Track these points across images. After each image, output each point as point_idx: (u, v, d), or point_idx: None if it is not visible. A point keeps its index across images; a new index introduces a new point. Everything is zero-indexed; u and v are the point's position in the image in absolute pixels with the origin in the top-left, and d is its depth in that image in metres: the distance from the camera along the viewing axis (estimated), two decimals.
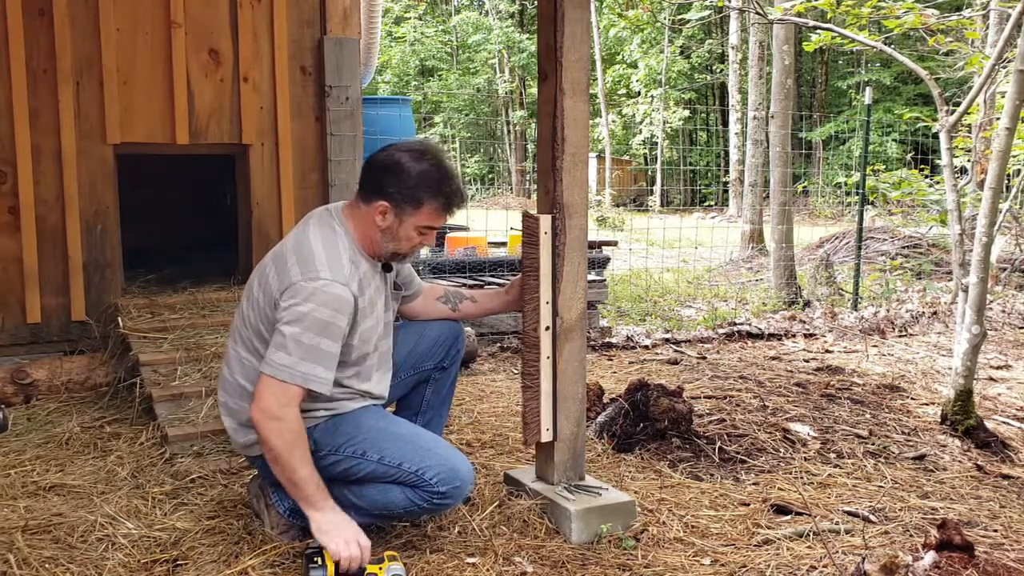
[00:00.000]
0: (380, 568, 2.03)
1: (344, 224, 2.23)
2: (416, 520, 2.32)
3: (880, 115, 20.76)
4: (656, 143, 25.12)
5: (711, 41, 26.28)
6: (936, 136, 4.33)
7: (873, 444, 3.27)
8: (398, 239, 2.22)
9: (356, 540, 2.04)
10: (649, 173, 25.42)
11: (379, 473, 2.15)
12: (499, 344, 4.91)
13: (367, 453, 2.16)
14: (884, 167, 11.65)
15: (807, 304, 7.16)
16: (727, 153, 21.33)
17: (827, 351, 5.18)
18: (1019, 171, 7.55)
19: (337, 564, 2.02)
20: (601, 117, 25.00)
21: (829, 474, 2.94)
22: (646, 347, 5.10)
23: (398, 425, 2.27)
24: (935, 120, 4.52)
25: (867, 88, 7.92)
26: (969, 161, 6.45)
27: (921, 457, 3.17)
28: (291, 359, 2.04)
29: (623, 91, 27.38)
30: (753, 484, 2.81)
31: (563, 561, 2.20)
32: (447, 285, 2.81)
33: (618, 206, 19.88)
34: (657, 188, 22.54)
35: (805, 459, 3.07)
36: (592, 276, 5.33)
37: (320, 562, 2.01)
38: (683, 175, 26.22)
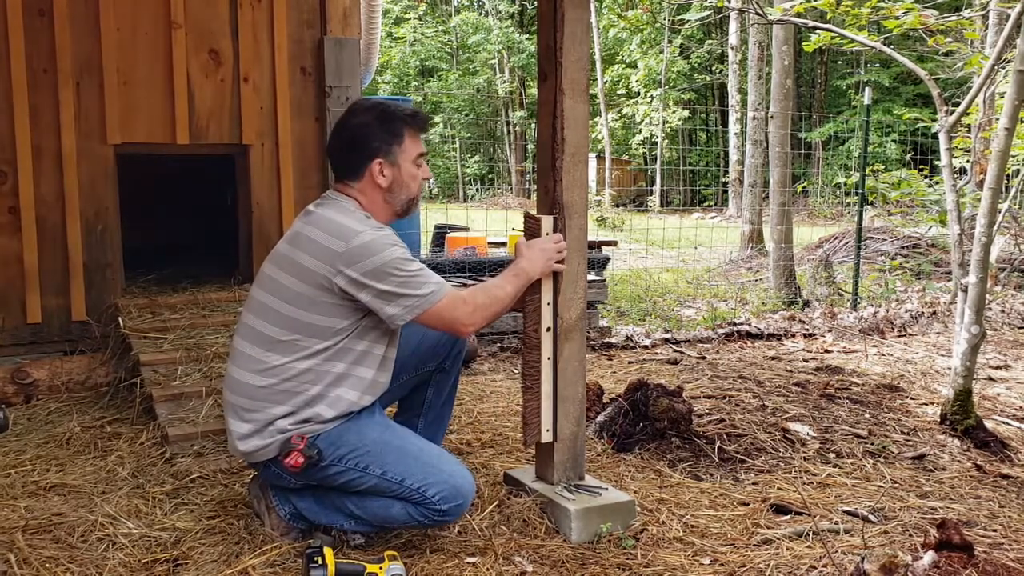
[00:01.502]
0: (380, 568, 2.03)
1: (348, 201, 2.26)
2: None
3: (879, 116, 20.77)
4: (656, 143, 25.13)
5: (711, 41, 26.28)
6: (935, 136, 4.34)
7: (872, 444, 3.27)
8: (404, 183, 2.28)
9: (548, 253, 2.36)
10: (649, 173, 25.43)
11: (381, 488, 2.15)
12: (499, 344, 4.91)
13: (370, 467, 2.15)
14: (883, 167, 11.65)
15: (806, 304, 7.17)
16: (727, 153, 21.34)
17: (826, 351, 5.19)
18: (1018, 171, 7.56)
19: (336, 564, 2.02)
20: (601, 117, 25.01)
21: (828, 474, 2.94)
22: (646, 347, 5.10)
23: (402, 438, 2.24)
24: (934, 120, 4.53)
25: (866, 88, 7.93)
26: (968, 161, 6.45)
27: (920, 457, 3.18)
28: (419, 290, 2.15)
29: (623, 91, 27.38)
30: (753, 484, 2.81)
31: (563, 560, 2.20)
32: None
33: (618, 206, 19.89)
34: (657, 188, 22.55)
35: (804, 459, 3.08)
36: (592, 276, 5.33)
37: (320, 562, 2.02)
38: (683, 175, 26.22)
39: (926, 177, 7.96)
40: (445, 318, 2.19)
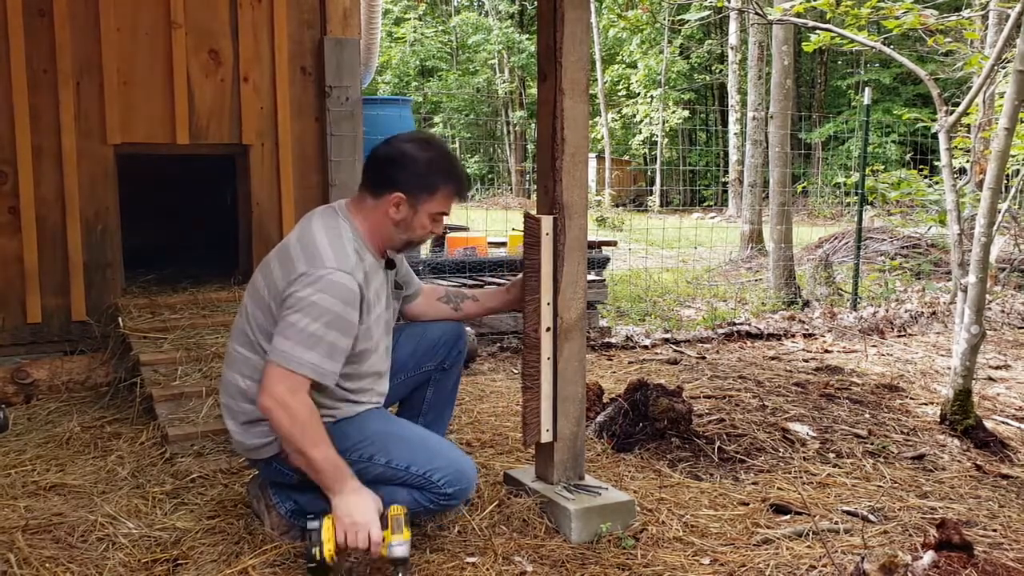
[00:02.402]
0: (383, 544, 2.02)
1: (349, 219, 2.23)
2: (416, 520, 2.32)
3: (879, 116, 20.76)
4: (656, 142, 25.13)
5: (710, 41, 26.28)
6: (935, 136, 4.34)
7: (872, 444, 3.27)
8: (412, 228, 2.23)
9: (367, 530, 2.02)
10: (649, 173, 25.43)
11: (387, 476, 2.16)
12: (499, 344, 4.91)
13: (375, 456, 2.16)
14: (883, 168, 11.65)
15: (806, 304, 7.17)
16: (726, 153, 21.34)
17: (826, 351, 5.19)
18: (1018, 171, 7.55)
19: (337, 545, 2.03)
20: (601, 117, 25.02)
21: (828, 474, 2.94)
22: (645, 347, 5.10)
23: (403, 428, 2.27)
24: (934, 120, 4.53)
25: (866, 88, 7.93)
26: (968, 161, 6.45)
27: (920, 457, 3.18)
28: (297, 348, 2.03)
29: (623, 91, 27.40)
30: (752, 484, 2.81)
31: (563, 560, 2.20)
32: (447, 285, 2.82)
33: (618, 206, 19.89)
34: (657, 188, 22.55)
35: (804, 459, 3.08)
36: (591, 276, 5.33)
37: (315, 539, 2.01)
38: (683, 175, 26.22)
39: (926, 177, 7.96)
40: (268, 380, 2.03)
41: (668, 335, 5.46)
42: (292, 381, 2.03)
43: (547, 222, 2.41)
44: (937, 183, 7.28)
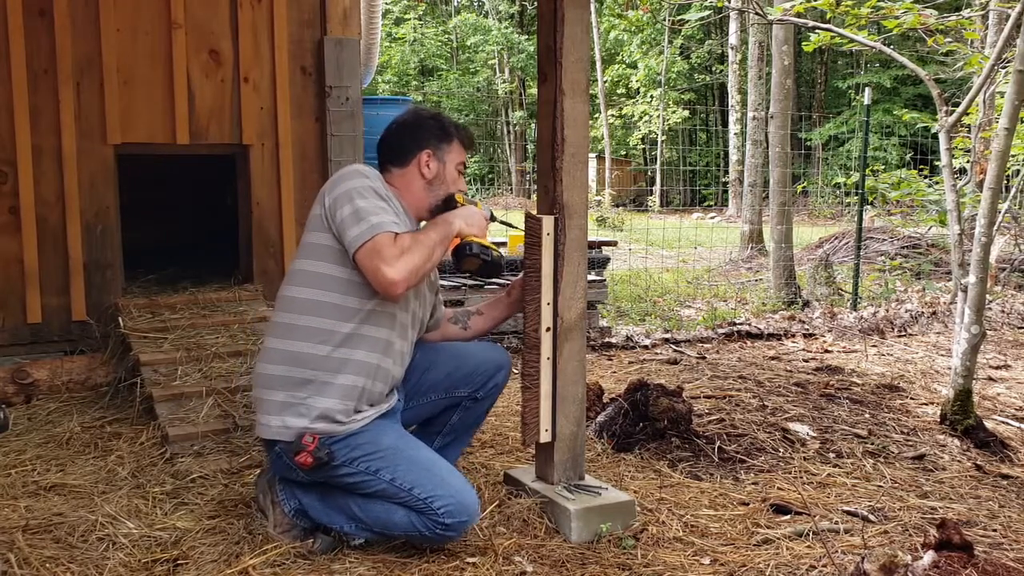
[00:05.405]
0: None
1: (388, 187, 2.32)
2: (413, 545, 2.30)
3: (879, 116, 20.75)
4: (656, 141, 25.13)
5: (711, 41, 26.29)
6: (935, 137, 4.34)
7: (872, 444, 3.28)
8: (445, 181, 2.37)
9: (475, 224, 2.32)
10: (649, 173, 25.44)
11: (388, 493, 2.14)
12: (499, 344, 4.91)
13: (380, 471, 2.15)
14: (883, 169, 11.65)
15: (806, 304, 7.16)
16: (727, 153, 21.35)
17: (826, 351, 5.19)
18: (1018, 171, 7.56)
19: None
20: (601, 115, 25.02)
21: (828, 474, 2.94)
22: (646, 347, 5.10)
23: (416, 448, 2.24)
24: (935, 121, 4.53)
25: (867, 88, 7.92)
26: (968, 161, 6.45)
27: (920, 457, 3.18)
28: (362, 224, 2.11)
29: (622, 91, 27.39)
30: (752, 484, 2.81)
31: (563, 560, 2.20)
32: (453, 307, 2.82)
33: (618, 206, 19.87)
34: (657, 188, 22.56)
35: (804, 459, 3.08)
36: (592, 276, 5.33)
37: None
38: (683, 175, 26.23)
39: (926, 177, 7.95)
40: (374, 259, 2.09)
41: (668, 335, 5.46)
42: (379, 245, 2.09)
43: (548, 222, 2.41)
44: (937, 183, 7.28)
